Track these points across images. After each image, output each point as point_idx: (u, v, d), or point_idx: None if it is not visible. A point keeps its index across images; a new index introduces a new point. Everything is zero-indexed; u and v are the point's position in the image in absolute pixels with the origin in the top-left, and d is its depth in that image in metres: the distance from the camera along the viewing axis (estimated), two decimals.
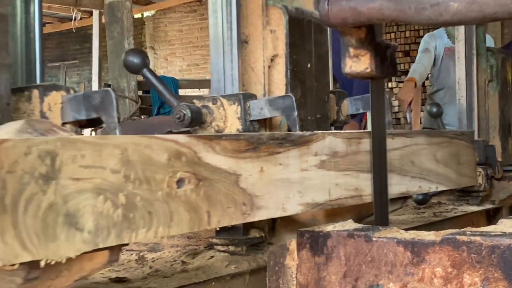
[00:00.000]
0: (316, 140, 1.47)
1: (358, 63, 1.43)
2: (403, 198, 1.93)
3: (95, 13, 13.04)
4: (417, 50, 10.31)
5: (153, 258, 1.99)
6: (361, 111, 2.24)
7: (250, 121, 1.83)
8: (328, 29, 2.13)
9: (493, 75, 3.40)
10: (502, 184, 3.34)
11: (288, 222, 1.93)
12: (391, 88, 10.70)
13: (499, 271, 1.18)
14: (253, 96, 1.85)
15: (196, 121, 1.79)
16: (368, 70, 1.42)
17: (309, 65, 2.02)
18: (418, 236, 1.28)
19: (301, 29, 1.99)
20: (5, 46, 1.26)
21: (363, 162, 1.62)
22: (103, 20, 12.28)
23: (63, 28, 15.91)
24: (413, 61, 10.44)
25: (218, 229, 1.28)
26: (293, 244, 1.40)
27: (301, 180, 1.42)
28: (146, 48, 16.12)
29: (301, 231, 1.39)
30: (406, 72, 10.59)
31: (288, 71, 1.95)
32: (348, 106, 2.23)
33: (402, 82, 10.66)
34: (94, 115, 1.36)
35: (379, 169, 1.54)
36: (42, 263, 0.96)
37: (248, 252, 1.88)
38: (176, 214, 1.14)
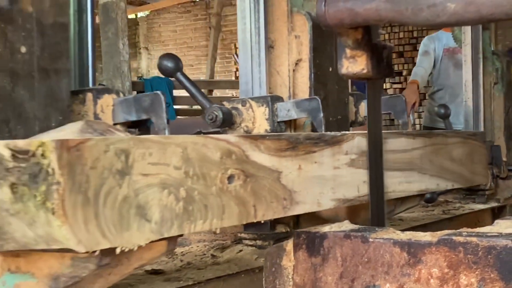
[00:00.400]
0: (346, 140, 1.58)
1: (355, 64, 1.43)
2: (421, 196, 2.04)
3: None
4: (410, 51, 10.41)
5: (182, 252, 2.09)
6: None
7: (278, 122, 1.94)
8: None
9: (498, 78, 3.52)
10: (507, 183, 3.45)
11: (312, 218, 2.03)
12: (385, 89, 10.80)
13: (496, 271, 1.18)
14: (280, 99, 1.96)
15: (227, 122, 1.90)
16: (365, 71, 1.43)
17: (330, 69, 2.13)
18: (414, 237, 1.28)
19: (323, 35, 2.09)
20: (66, 53, 1.37)
21: (388, 161, 1.73)
22: (97, 21, 12.97)
23: None
24: (406, 62, 10.58)
25: (263, 221, 1.38)
26: (289, 245, 1.41)
27: (333, 177, 1.53)
28: (140, 48, 16.12)
29: (297, 232, 1.40)
30: (399, 73, 10.72)
31: (312, 74, 2.05)
32: (366, 108, 2.33)
33: (396, 83, 10.80)
34: (144, 117, 1.46)
35: (376, 169, 1.54)
36: (118, 250, 1.06)
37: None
38: (227, 207, 1.25)
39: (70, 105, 1.38)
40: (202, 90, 7.82)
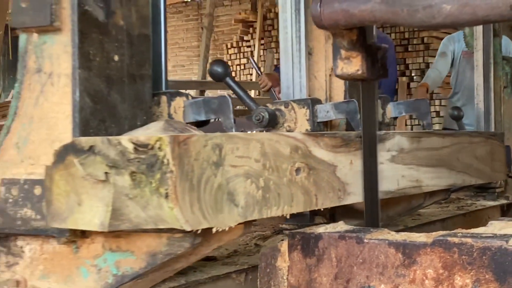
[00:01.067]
0: (388, 139, 1.77)
1: (350, 64, 1.43)
2: (446, 190, 2.23)
3: None
4: (402, 52, 10.54)
5: None
6: (403, 114, 2.54)
7: (317, 122, 2.13)
8: None
9: (507, 82, 3.72)
10: None
11: (346, 210, 2.21)
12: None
13: (490, 272, 1.18)
14: (319, 101, 2.14)
15: (272, 122, 2.08)
16: (360, 72, 1.43)
17: None
18: (409, 237, 1.29)
19: None
20: (148, 60, 1.55)
21: (422, 158, 1.92)
22: None
23: None
24: (398, 63, 10.74)
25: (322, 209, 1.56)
26: (284, 246, 1.42)
27: (378, 171, 1.72)
28: None
29: (292, 233, 1.41)
30: None
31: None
32: (392, 110, 2.52)
33: None
34: (212, 117, 1.65)
35: (370, 170, 1.54)
36: (214, 230, 1.25)
37: None
38: (295, 196, 1.44)
39: (151, 106, 1.57)
40: (194, 90, 7.78)
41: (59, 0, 1.39)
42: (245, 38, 13.42)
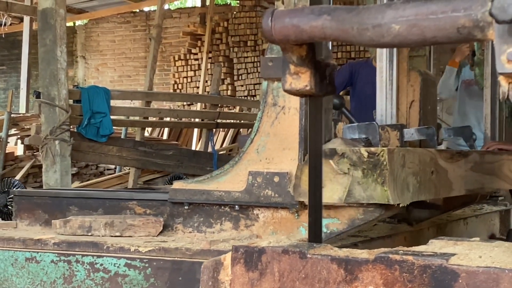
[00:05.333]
0: (469, 154, 2.65)
1: (298, 80, 1.46)
2: (489, 193, 3.11)
3: (26, 19, 12.91)
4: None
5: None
6: (452, 137, 3.43)
7: (404, 141, 2.99)
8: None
9: (509, 113, 4.66)
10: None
11: (418, 203, 3.08)
12: None
13: None
14: (405, 126, 3.02)
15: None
16: (308, 88, 1.46)
17: (429, 107, 3.21)
18: (351, 254, 1.31)
19: (427, 84, 3.17)
20: (332, 99, 2.40)
21: (484, 169, 2.79)
22: (34, 27, 12.04)
23: None
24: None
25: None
26: (227, 259, 1.43)
27: (465, 176, 2.59)
28: (77, 57, 15.90)
29: (235, 246, 1.41)
30: None
31: (421, 110, 3.12)
32: (443, 133, 3.41)
33: None
34: (363, 136, 2.50)
35: (315, 186, 1.57)
36: (400, 205, 2.09)
37: (398, 222, 3.04)
38: (431, 189, 2.30)
39: (331, 128, 2.41)
40: (139, 101, 8.17)
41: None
42: (193, 51, 13.54)
